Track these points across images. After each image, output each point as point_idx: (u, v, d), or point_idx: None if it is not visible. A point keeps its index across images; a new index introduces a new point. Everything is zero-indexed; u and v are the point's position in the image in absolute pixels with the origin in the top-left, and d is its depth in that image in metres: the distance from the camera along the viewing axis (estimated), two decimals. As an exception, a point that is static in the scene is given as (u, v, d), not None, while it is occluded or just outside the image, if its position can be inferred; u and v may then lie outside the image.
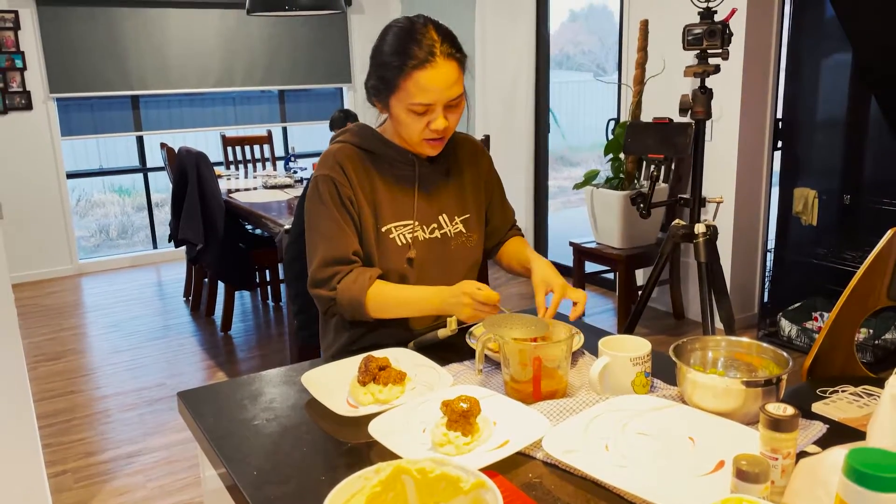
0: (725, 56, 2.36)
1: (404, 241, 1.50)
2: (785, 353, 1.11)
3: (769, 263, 3.88)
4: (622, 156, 3.70)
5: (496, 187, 1.70)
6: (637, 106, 3.65)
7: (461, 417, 1.06)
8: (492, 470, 1.00)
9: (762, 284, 3.93)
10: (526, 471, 1.02)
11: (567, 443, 1.05)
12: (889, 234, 1.47)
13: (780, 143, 3.80)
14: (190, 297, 4.58)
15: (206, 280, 4.31)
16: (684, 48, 2.36)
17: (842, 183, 3.87)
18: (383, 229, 1.49)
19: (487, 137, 4.26)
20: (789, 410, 0.88)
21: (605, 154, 3.73)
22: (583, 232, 4.01)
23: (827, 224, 3.76)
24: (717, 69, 2.35)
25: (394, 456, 1.03)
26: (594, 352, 1.38)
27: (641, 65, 3.64)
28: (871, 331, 3.37)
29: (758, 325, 3.85)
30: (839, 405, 1.31)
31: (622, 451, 1.04)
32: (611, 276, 4.35)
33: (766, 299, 3.89)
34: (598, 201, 3.72)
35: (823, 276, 3.67)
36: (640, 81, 3.64)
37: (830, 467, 0.83)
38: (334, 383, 1.29)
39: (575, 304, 1.41)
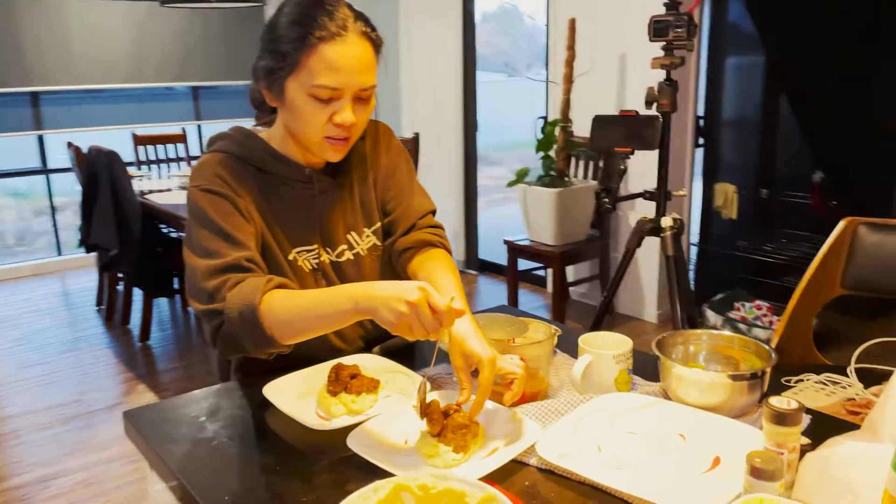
0: (691, 48, 2.37)
1: (311, 268, 1.30)
2: (767, 346, 1.11)
3: (693, 256, 4.00)
4: (553, 153, 3.72)
5: (396, 167, 1.37)
6: (566, 104, 3.68)
7: (459, 429, 0.99)
8: (487, 479, 0.94)
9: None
10: (521, 478, 0.97)
11: (560, 446, 1.01)
12: (841, 224, 1.51)
13: (701, 141, 3.92)
14: (103, 306, 4.31)
15: (121, 287, 4.06)
16: (650, 39, 2.36)
17: (758, 178, 4.04)
18: (290, 257, 1.27)
19: (417, 136, 4.20)
20: (793, 404, 0.87)
21: (537, 151, 3.74)
22: (509, 230, 4.02)
23: (746, 217, 3.91)
24: (682, 61, 2.37)
25: (378, 469, 0.96)
26: (566, 350, 1.35)
27: (570, 63, 3.67)
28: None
29: (683, 317, 3.95)
30: (807, 394, 1.33)
31: (615, 452, 1.00)
32: (541, 272, 4.37)
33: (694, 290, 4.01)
34: (531, 199, 3.72)
35: (744, 267, 3.81)
36: (569, 80, 3.67)
37: (843, 461, 0.82)
38: (299, 394, 1.20)
39: (510, 382, 1.10)
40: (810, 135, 3.84)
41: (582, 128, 3.82)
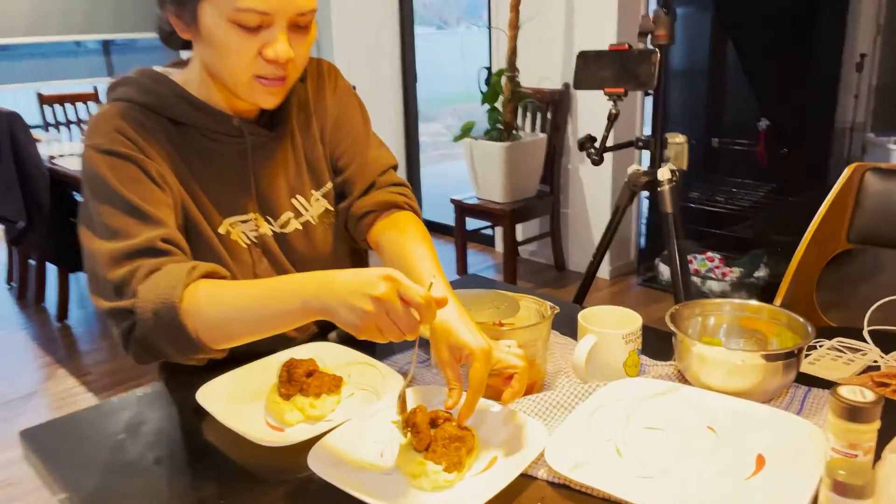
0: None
1: (248, 243, 1.06)
2: (801, 319, 0.95)
3: (644, 209, 3.90)
4: (499, 105, 3.52)
5: (346, 112, 1.13)
6: (513, 52, 3.46)
7: (451, 443, 0.80)
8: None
9: (638, 230, 3.94)
10: (529, 497, 0.79)
11: (573, 453, 0.82)
12: (847, 171, 1.36)
13: (650, 91, 3.78)
14: (15, 284, 3.92)
15: (33, 262, 3.69)
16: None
17: (708, 128, 3.95)
18: (221, 231, 1.03)
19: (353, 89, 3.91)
20: (868, 395, 0.70)
21: (483, 104, 3.52)
22: (450, 189, 3.82)
23: (697, 168, 3.81)
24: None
25: (351, 499, 0.75)
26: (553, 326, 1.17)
27: (515, 7, 3.44)
28: (742, 269, 3.45)
29: (636, 271, 3.86)
30: (824, 363, 1.19)
31: (639, 456, 0.83)
32: (489, 231, 4.20)
33: (642, 245, 3.91)
34: (479, 154, 3.52)
35: (696, 219, 3.72)
36: (515, 25, 3.44)
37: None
38: (243, 398, 0.98)
39: (509, 377, 0.89)
40: (756, 83, 3.76)
41: (529, 77, 3.62)
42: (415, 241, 1.03)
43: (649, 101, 3.77)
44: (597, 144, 1.97)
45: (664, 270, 3.62)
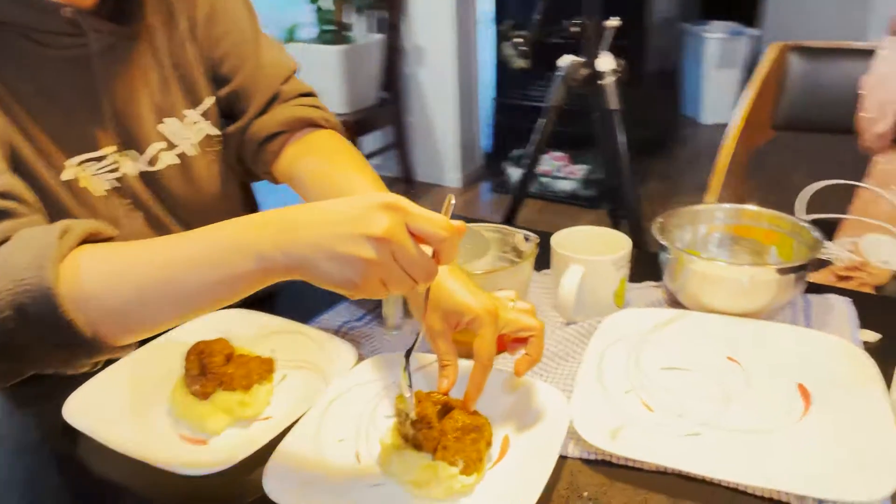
0: None
1: (106, 191, 0.77)
2: (805, 223, 0.83)
3: (485, 111, 3.78)
4: (330, 3, 3.17)
5: (227, 1, 0.85)
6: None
7: (466, 434, 0.60)
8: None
9: (484, 134, 3.82)
10: (571, 486, 0.62)
11: (601, 419, 0.66)
12: (769, 53, 1.27)
13: (485, -17, 3.59)
14: None
15: None
16: None
17: (543, 23, 3.84)
18: (66, 177, 0.73)
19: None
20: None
21: (313, 2, 3.15)
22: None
23: (539, 64, 3.72)
24: None
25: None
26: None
27: None
28: (588, 166, 3.46)
29: (485, 176, 3.77)
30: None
31: (670, 409, 0.69)
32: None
33: (490, 149, 3.82)
34: (311, 60, 3.15)
35: (536, 117, 3.66)
36: None
37: None
38: (138, 406, 0.71)
39: (518, 340, 0.69)
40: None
41: (359, -29, 3.28)
42: (348, 166, 0.78)
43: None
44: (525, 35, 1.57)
45: (513, 173, 3.55)
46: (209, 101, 0.83)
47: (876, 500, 0.56)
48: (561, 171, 3.49)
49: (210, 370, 0.68)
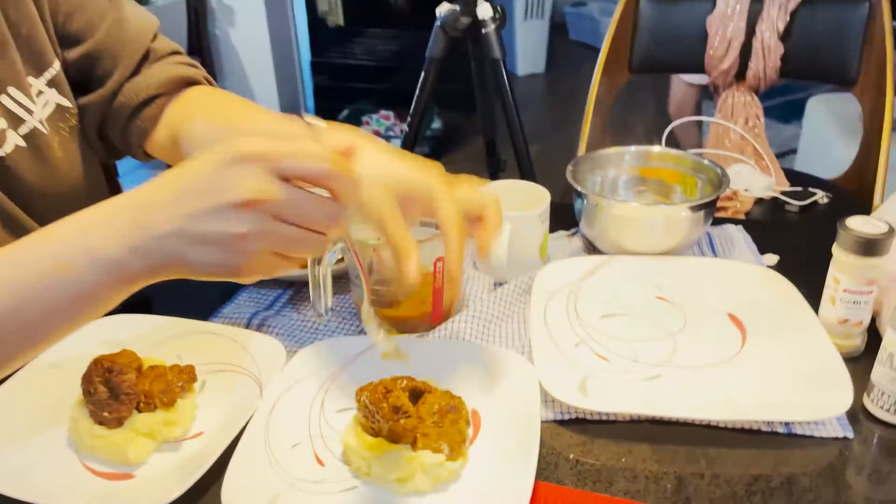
0: None
1: None
2: (706, 160, 0.86)
3: (308, 72, 3.63)
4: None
5: None
6: None
7: (445, 415, 0.55)
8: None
9: (304, 98, 3.67)
10: (541, 451, 0.59)
11: (566, 376, 0.64)
12: (622, 1, 1.29)
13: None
14: None
15: None
16: None
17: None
18: None
19: None
20: (881, 225, 0.64)
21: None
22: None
23: (354, 21, 3.61)
24: None
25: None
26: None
27: None
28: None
29: (311, 141, 3.64)
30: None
31: (622, 355, 0.68)
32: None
33: (312, 111, 3.67)
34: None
35: (362, 76, 3.58)
36: None
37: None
38: (24, 449, 0.58)
39: (485, 212, 0.57)
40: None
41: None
42: (249, 112, 0.68)
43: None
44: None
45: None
46: (56, 67, 0.69)
47: (837, 415, 0.59)
48: (392, 129, 3.44)
49: (123, 391, 0.57)
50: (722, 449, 0.58)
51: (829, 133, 2.19)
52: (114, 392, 0.57)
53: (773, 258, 0.83)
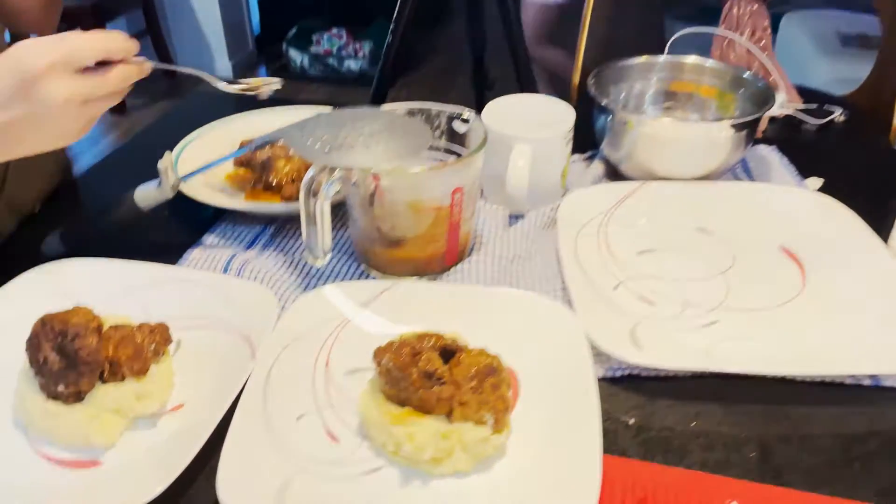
0: None
1: None
2: (748, 73, 0.75)
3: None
4: None
5: None
6: None
7: (486, 376, 0.45)
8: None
9: (249, 15, 3.41)
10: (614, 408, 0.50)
11: (614, 326, 0.55)
12: None
13: None
14: None
15: None
16: None
17: None
18: None
19: None
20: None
21: None
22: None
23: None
24: None
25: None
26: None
27: None
28: (372, 41, 3.23)
29: (260, 62, 3.41)
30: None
31: (670, 299, 0.59)
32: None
33: (258, 31, 3.43)
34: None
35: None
36: None
37: None
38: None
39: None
40: None
41: None
42: None
43: None
44: None
45: (295, 56, 3.23)
46: None
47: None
48: (346, 49, 3.23)
49: (82, 359, 0.45)
50: (804, 407, 0.50)
51: (804, 51, 2.11)
52: (72, 362, 0.46)
53: (816, 181, 0.75)
